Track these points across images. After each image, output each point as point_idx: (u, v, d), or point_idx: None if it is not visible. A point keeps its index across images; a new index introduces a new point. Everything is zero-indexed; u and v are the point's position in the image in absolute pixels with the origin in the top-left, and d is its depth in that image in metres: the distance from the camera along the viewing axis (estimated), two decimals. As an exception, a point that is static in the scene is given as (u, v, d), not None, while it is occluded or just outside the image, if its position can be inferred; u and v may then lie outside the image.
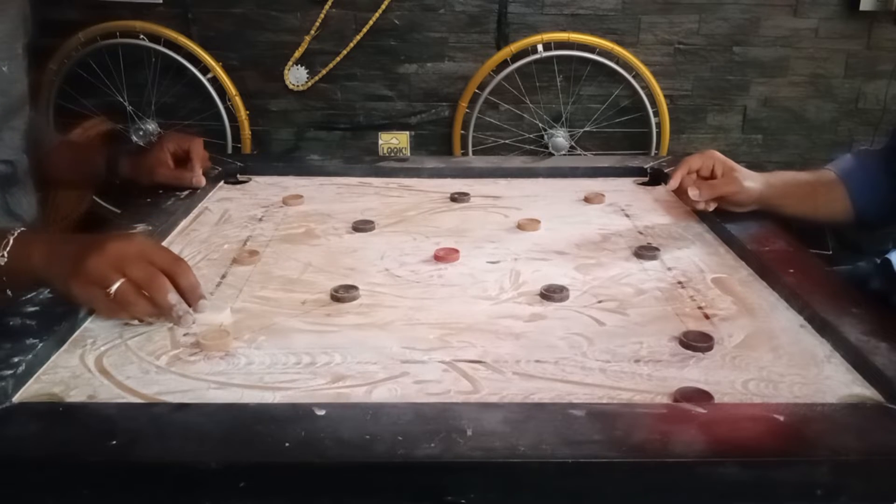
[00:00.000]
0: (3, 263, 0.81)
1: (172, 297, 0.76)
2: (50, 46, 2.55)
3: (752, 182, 1.06)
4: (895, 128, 1.13)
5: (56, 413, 0.62)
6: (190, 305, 0.78)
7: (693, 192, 1.04)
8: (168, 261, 0.78)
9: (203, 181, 1.17)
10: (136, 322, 0.78)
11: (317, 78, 2.72)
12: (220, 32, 2.67)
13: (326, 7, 2.63)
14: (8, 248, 0.81)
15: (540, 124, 2.78)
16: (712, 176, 1.08)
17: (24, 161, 1.12)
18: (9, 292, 0.82)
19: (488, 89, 2.68)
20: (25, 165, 1.12)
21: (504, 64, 2.67)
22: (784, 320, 0.81)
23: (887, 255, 1.01)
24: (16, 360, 0.67)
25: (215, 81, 2.64)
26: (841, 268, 1.14)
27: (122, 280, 0.75)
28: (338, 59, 2.69)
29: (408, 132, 2.81)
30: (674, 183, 1.08)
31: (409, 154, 2.79)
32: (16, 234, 0.82)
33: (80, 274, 0.75)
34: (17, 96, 1.09)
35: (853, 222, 1.11)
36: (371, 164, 1.35)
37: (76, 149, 1.28)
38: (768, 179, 1.07)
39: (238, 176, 1.30)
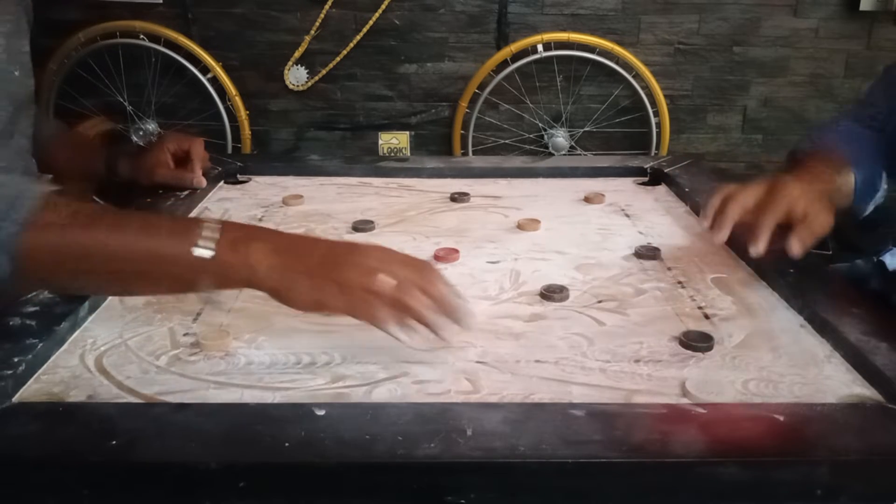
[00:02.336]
0: (208, 256, 0.67)
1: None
2: (50, 46, 2.55)
3: (826, 216, 0.87)
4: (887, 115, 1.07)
5: (56, 413, 0.62)
6: (456, 323, 0.69)
7: (753, 250, 0.85)
8: (423, 274, 0.69)
9: (203, 182, 1.16)
10: (417, 348, 0.69)
11: (317, 78, 2.72)
12: (220, 32, 2.68)
13: (326, 7, 2.63)
14: (217, 241, 0.68)
15: (540, 124, 2.78)
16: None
17: (32, 165, 1.11)
18: (208, 294, 0.75)
19: (488, 89, 2.68)
20: (34, 169, 1.12)
21: (504, 64, 2.67)
22: (784, 320, 0.81)
23: (881, 258, 1.01)
24: (16, 360, 0.67)
25: (215, 81, 2.64)
26: (838, 265, 1.14)
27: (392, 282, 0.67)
28: (338, 59, 2.69)
29: (408, 132, 2.81)
30: (721, 236, 0.88)
31: (409, 154, 2.79)
32: (222, 225, 0.69)
33: (346, 285, 0.67)
34: (24, 97, 1.07)
35: (844, 210, 0.99)
36: (371, 164, 1.35)
37: (75, 142, 1.27)
38: (828, 196, 0.90)
39: (238, 176, 1.30)
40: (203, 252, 0.67)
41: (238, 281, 0.69)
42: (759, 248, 0.85)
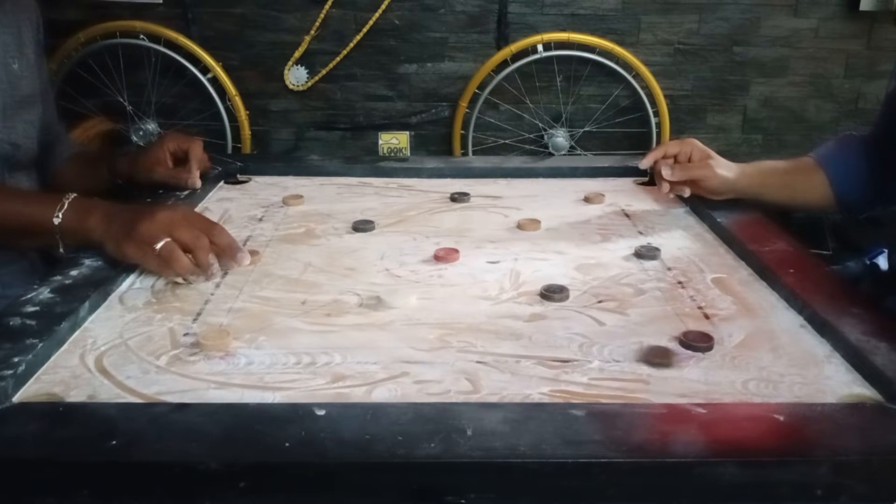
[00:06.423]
0: (57, 223, 0.92)
1: (211, 257, 0.88)
2: (50, 46, 2.55)
3: (725, 171, 1.09)
4: (879, 116, 1.14)
5: (56, 413, 0.62)
6: (232, 259, 0.90)
7: (666, 171, 1.09)
8: (207, 225, 0.90)
9: (198, 183, 1.17)
10: (181, 280, 0.87)
11: (317, 78, 2.72)
12: (220, 32, 2.68)
13: (326, 7, 2.63)
14: (63, 210, 0.92)
15: (540, 124, 2.79)
16: (689, 162, 1.13)
17: (33, 149, 1.15)
18: (61, 250, 0.93)
19: (488, 89, 2.68)
20: (33, 153, 1.15)
21: (504, 64, 2.67)
22: (784, 320, 0.81)
23: (874, 259, 1.01)
24: (16, 360, 0.67)
25: (215, 81, 2.64)
26: (832, 267, 1.15)
27: (167, 239, 0.86)
28: (338, 59, 2.69)
29: (408, 132, 2.81)
30: (647, 161, 1.14)
31: (409, 154, 2.79)
32: (70, 198, 0.93)
33: (134, 236, 0.87)
34: (27, 92, 1.13)
35: (835, 207, 1.14)
36: (371, 164, 1.35)
37: (87, 159, 1.29)
38: (744, 169, 1.11)
39: (238, 176, 1.30)
40: (55, 220, 0.92)
41: (80, 241, 0.92)
42: (645, 160, 1.15)
